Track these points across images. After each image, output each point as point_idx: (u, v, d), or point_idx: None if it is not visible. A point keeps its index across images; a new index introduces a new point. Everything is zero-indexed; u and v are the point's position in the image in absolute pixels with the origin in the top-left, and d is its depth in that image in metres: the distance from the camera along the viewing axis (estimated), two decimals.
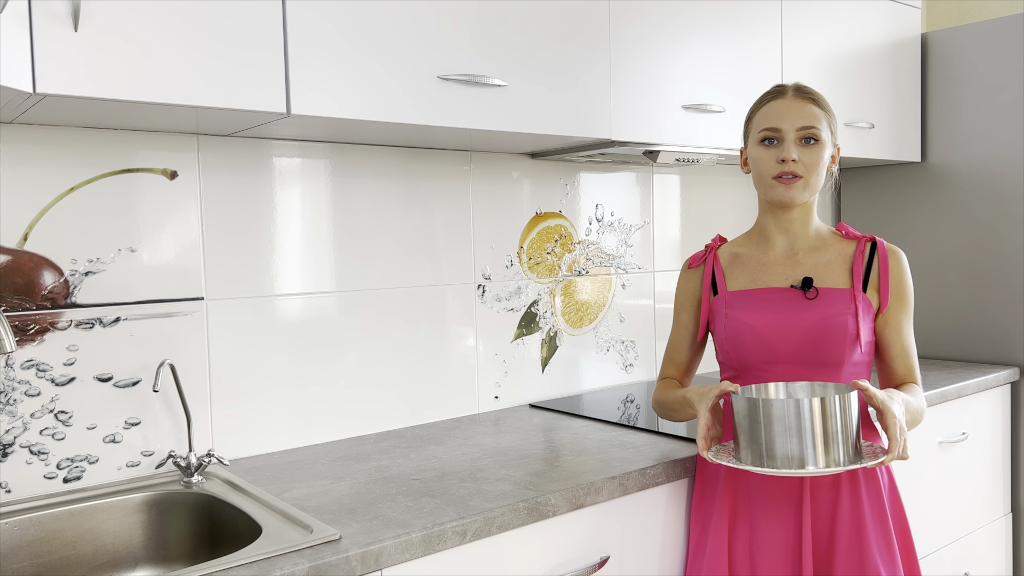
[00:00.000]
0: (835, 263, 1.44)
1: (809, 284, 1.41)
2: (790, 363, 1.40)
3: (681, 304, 1.58)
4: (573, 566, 1.37)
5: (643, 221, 2.30)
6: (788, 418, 1.20)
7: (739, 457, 1.26)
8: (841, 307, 1.39)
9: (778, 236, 1.48)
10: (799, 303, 1.41)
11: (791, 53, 2.14)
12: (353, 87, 1.38)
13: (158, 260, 1.51)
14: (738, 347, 1.44)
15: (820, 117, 1.41)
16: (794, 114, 1.40)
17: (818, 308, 1.40)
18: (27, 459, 1.39)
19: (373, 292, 1.79)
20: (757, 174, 1.44)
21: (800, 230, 1.47)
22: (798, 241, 1.47)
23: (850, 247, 1.46)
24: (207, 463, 1.46)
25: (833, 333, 1.37)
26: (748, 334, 1.42)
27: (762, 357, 1.42)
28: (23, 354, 1.39)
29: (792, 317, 1.40)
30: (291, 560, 1.08)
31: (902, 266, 1.44)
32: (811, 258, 1.45)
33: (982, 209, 2.47)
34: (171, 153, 1.52)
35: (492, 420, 1.89)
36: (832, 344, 1.37)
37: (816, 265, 1.44)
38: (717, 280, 1.51)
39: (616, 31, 1.75)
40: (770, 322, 1.41)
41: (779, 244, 1.48)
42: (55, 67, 1.11)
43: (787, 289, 1.44)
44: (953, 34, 2.53)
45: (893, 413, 1.23)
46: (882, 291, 1.42)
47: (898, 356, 1.44)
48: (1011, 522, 2.42)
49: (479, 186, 1.95)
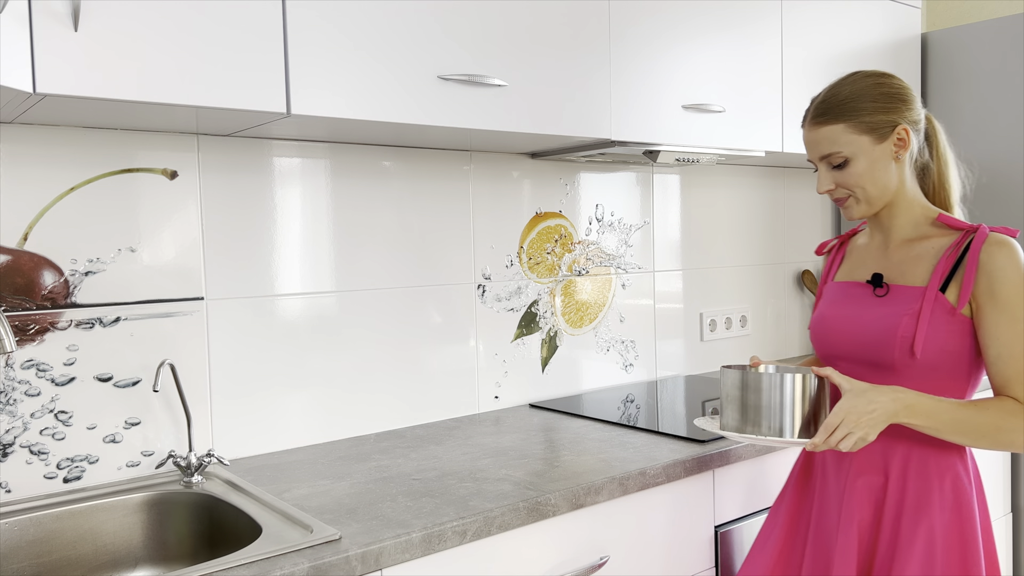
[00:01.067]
0: (924, 257, 1.33)
1: (879, 280, 1.36)
2: (848, 361, 1.37)
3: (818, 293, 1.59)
4: (573, 566, 1.37)
5: (643, 221, 2.30)
6: (730, 388, 1.31)
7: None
8: (904, 307, 1.30)
9: (875, 229, 1.43)
10: (867, 300, 1.37)
11: (791, 53, 2.14)
12: (353, 87, 1.38)
13: (158, 260, 1.51)
14: (813, 339, 1.45)
15: (838, 134, 1.31)
16: (812, 146, 1.35)
17: (881, 307, 1.33)
18: (27, 459, 1.39)
19: (373, 292, 1.79)
20: None
21: (890, 223, 1.38)
22: (891, 234, 1.39)
23: (947, 239, 1.32)
24: (207, 463, 1.46)
25: (884, 334, 1.30)
26: (818, 327, 1.43)
27: (827, 351, 1.41)
28: (23, 354, 1.39)
29: (855, 314, 1.36)
30: (291, 560, 1.08)
31: (1001, 258, 1.24)
32: (901, 252, 1.37)
33: (982, 209, 2.47)
34: (171, 153, 1.52)
35: (492, 420, 1.89)
36: (882, 346, 1.30)
37: (903, 260, 1.36)
38: (832, 269, 1.52)
39: (616, 31, 1.75)
40: (836, 317, 1.39)
41: (876, 237, 1.43)
42: (55, 67, 1.11)
43: (863, 284, 1.39)
44: (953, 34, 2.53)
45: (839, 406, 1.21)
46: (963, 288, 1.26)
47: (993, 364, 1.26)
48: (1011, 522, 2.42)
49: (479, 186, 1.95)
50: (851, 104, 1.31)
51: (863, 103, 1.31)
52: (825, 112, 1.33)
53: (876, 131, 1.30)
